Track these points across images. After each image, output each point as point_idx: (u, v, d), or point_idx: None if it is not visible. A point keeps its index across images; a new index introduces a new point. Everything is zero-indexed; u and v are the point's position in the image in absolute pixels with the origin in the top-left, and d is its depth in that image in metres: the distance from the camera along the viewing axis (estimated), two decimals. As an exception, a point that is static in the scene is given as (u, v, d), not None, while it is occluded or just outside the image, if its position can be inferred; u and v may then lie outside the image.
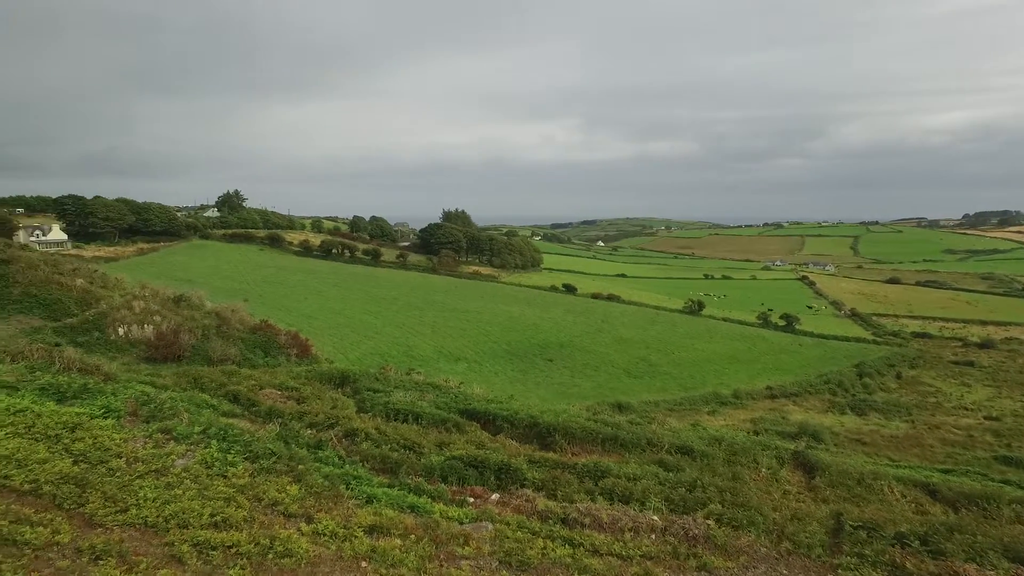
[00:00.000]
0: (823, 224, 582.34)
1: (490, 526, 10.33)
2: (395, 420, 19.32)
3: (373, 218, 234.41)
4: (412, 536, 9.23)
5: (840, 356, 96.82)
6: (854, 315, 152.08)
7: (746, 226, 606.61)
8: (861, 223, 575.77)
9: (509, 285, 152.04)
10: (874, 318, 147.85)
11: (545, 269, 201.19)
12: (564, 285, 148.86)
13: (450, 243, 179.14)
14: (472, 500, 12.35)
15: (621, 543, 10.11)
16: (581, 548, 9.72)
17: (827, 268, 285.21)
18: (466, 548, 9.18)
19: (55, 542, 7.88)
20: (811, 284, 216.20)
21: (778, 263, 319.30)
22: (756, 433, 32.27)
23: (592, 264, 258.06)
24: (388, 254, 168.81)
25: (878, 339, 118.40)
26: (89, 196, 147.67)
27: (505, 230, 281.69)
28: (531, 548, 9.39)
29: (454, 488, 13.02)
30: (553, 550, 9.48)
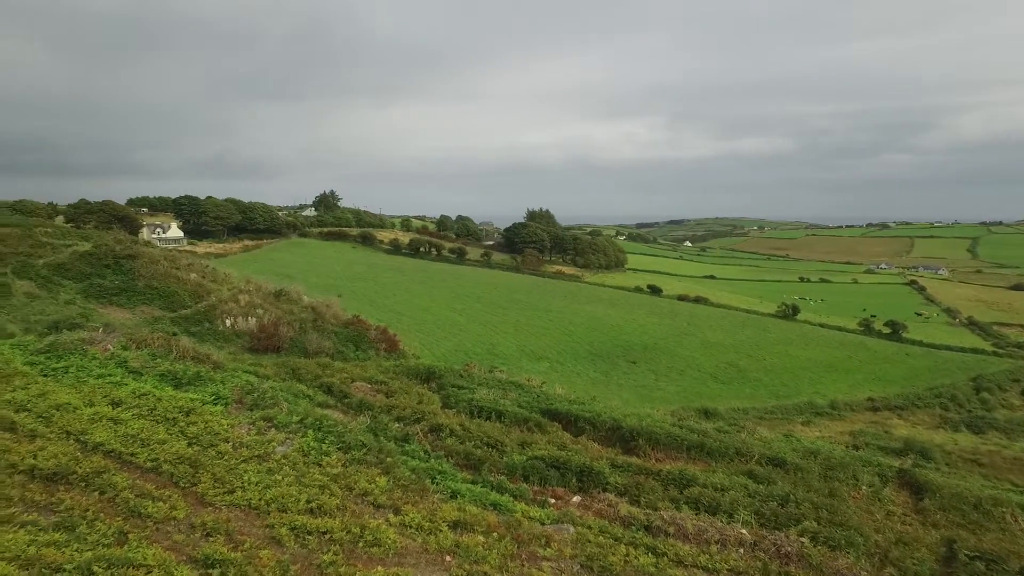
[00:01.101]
0: (936, 224, 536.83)
1: (571, 529, 10.30)
2: (478, 417, 19.62)
3: (459, 217, 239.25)
4: (495, 534, 9.36)
5: (953, 368, 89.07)
6: (971, 324, 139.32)
7: (847, 226, 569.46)
8: (981, 223, 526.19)
9: (592, 285, 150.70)
10: (995, 328, 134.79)
11: (629, 269, 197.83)
12: (649, 286, 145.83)
13: (534, 242, 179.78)
14: (553, 501, 12.37)
15: (707, 555, 9.81)
16: (665, 558, 9.52)
17: (940, 272, 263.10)
18: (548, 549, 9.21)
19: (172, 517, 8.60)
20: (921, 289, 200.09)
21: (883, 266, 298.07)
22: (855, 447, 30.29)
23: (678, 265, 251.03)
24: (473, 253, 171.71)
25: (999, 351, 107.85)
26: (202, 197, 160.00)
27: (589, 229, 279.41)
28: (613, 554, 9.29)
29: (536, 488, 13.08)
30: (636, 558, 9.33)
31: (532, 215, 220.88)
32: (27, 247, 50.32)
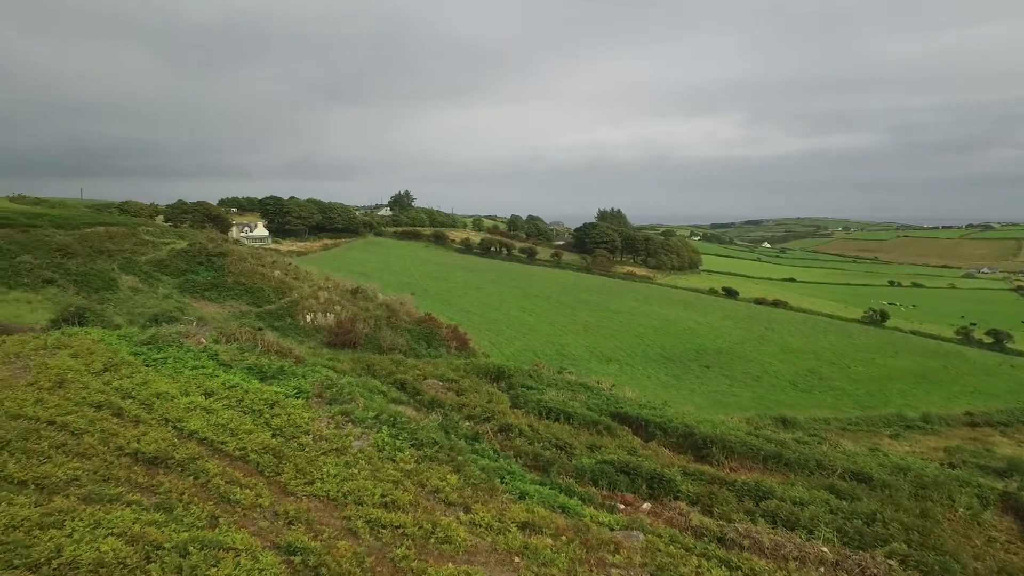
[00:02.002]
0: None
1: (641, 536, 10.15)
2: (547, 418, 19.64)
3: (530, 217, 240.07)
4: (563, 537, 9.36)
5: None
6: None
7: (944, 227, 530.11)
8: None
9: (664, 287, 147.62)
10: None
11: (704, 271, 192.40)
12: (724, 288, 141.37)
13: (604, 243, 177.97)
14: (623, 507, 12.23)
15: (784, 572, 9.44)
16: (739, 572, 9.22)
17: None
18: (616, 556, 9.12)
19: (258, 504, 9.11)
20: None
21: (985, 270, 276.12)
22: (951, 465, 28.22)
23: (756, 267, 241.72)
24: (543, 252, 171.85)
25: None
26: (286, 197, 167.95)
27: (662, 230, 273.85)
28: (684, 565, 9.09)
29: (604, 493, 12.97)
30: (708, 570, 9.09)
31: (603, 215, 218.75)
32: (132, 245, 54.47)
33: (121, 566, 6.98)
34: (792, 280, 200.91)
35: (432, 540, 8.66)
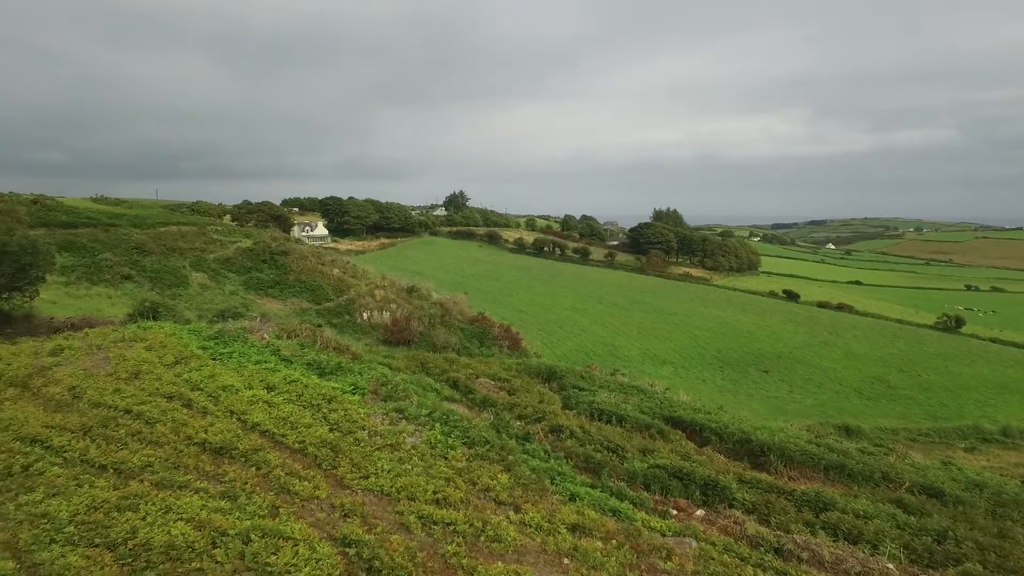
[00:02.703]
0: None
1: (694, 543, 9.96)
2: (599, 420, 19.50)
3: (583, 217, 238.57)
4: (613, 541, 9.28)
5: None
6: None
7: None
8: None
9: (722, 288, 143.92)
10: None
11: (763, 273, 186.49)
12: (785, 291, 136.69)
13: (660, 243, 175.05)
14: (675, 512, 12.02)
15: (846, 588, 9.08)
16: (797, 585, 8.93)
17: None
18: (668, 563, 8.97)
19: (316, 496, 9.41)
20: None
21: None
22: (1033, 483, 26.42)
23: (819, 269, 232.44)
24: (596, 253, 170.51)
25: None
26: (344, 197, 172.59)
27: (719, 230, 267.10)
28: (739, 575, 8.86)
29: (657, 497, 12.78)
30: (764, 582, 8.85)
31: (658, 215, 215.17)
32: (201, 243, 57.11)
33: (189, 550, 7.36)
34: (858, 283, 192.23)
35: (482, 538, 8.75)
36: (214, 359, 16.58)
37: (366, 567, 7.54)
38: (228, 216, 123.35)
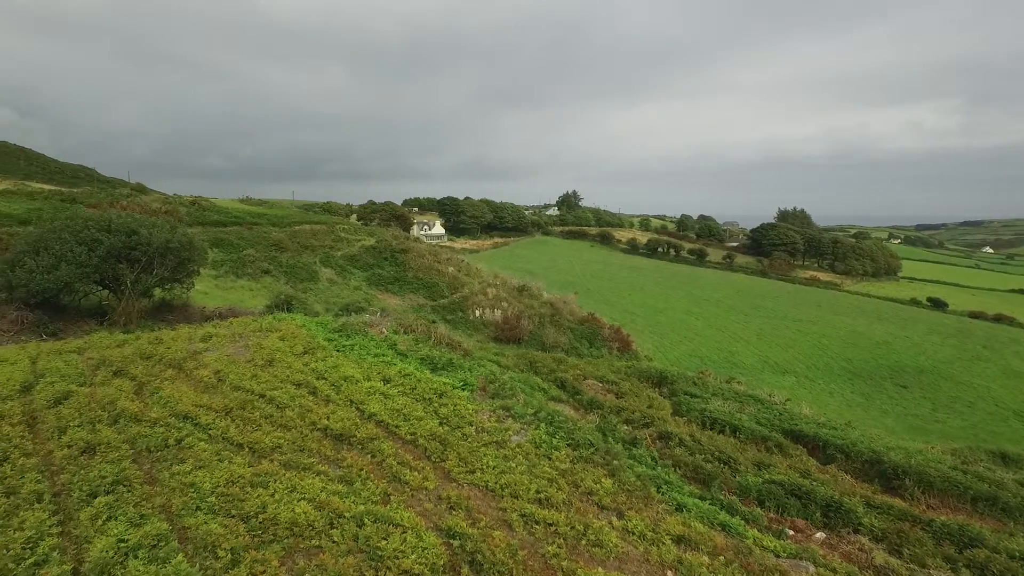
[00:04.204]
0: None
1: (812, 568, 9.32)
2: (711, 429, 18.79)
3: (701, 217, 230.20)
4: (721, 557, 8.90)
5: None
6: None
7: None
8: None
9: (854, 294, 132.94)
10: None
11: (904, 278, 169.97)
12: (929, 299, 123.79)
13: (784, 245, 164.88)
14: (792, 533, 11.32)
15: (991, 637, 8.10)
16: (931, 627, 8.10)
17: None
18: (781, 587, 8.47)
19: (424, 487, 9.83)
20: None
21: None
22: None
23: (973, 275, 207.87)
24: (714, 254, 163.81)
25: None
26: (461, 198, 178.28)
27: (853, 231, 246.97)
28: (862, 609, 8.19)
29: (771, 515, 12.11)
30: (891, 619, 8.10)
31: (784, 215, 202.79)
32: (330, 241, 61.35)
33: (310, 528, 7.97)
34: (1022, 292, 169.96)
35: (583, 542, 8.71)
36: (338, 351, 17.75)
37: (469, 560, 7.76)
38: (354, 215, 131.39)
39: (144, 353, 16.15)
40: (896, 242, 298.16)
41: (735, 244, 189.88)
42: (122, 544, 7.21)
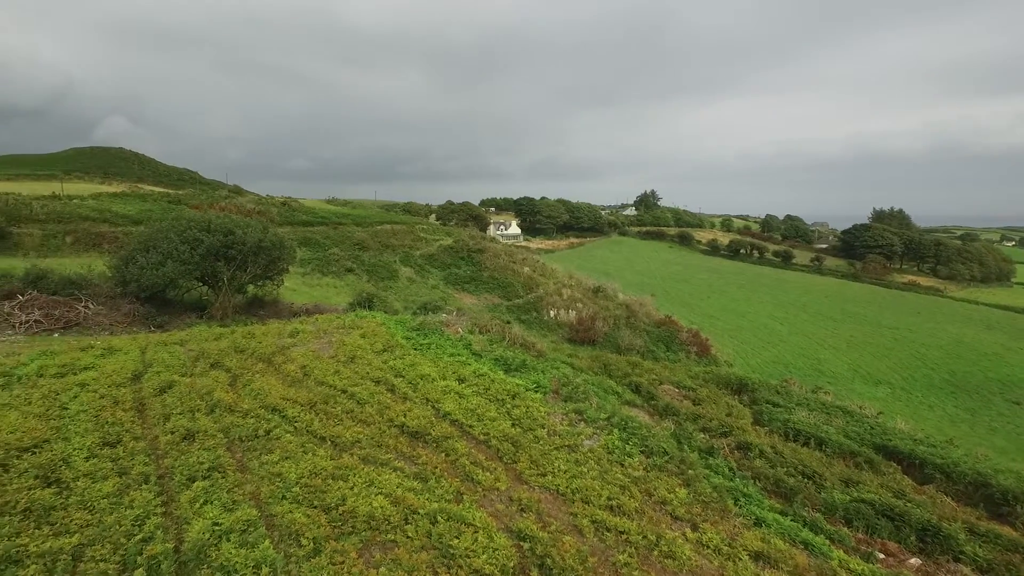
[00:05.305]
0: None
1: (904, 596, 8.75)
2: (794, 441, 17.94)
3: (787, 217, 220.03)
4: (802, 578, 8.51)
5: None
6: None
7: None
8: None
9: (959, 301, 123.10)
10: None
11: (1018, 284, 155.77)
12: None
13: (879, 247, 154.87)
14: (882, 556, 10.65)
15: None
16: (1041, 672, 7.41)
17: None
18: (868, 614, 8.00)
19: (495, 487, 9.94)
20: None
21: None
22: None
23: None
24: (801, 256, 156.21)
25: None
26: (537, 198, 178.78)
27: (959, 233, 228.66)
28: (961, 645, 7.60)
29: (859, 536, 11.45)
30: (994, 659, 7.47)
31: (879, 215, 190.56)
32: (410, 241, 63.13)
33: (386, 522, 8.25)
34: None
35: (655, 552, 8.55)
36: (415, 349, 18.25)
37: (538, 563, 7.80)
38: (433, 216, 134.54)
39: (238, 347, 17.22)
40: (1010, 244, 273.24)
41: (824, 246, 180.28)
42: (216, 527, 7.74)
